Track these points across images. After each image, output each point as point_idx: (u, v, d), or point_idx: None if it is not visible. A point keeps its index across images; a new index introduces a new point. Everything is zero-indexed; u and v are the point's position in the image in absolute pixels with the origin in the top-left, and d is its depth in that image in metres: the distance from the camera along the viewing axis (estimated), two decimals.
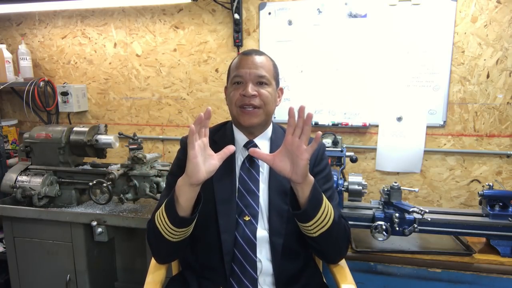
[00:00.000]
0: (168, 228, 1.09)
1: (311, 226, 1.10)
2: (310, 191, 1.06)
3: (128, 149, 1.85)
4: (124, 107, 2.50)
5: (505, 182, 2.02)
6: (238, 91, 1.19)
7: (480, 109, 2.00)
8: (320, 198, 1.09)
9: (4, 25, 2.61)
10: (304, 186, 1.06)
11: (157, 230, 1.12)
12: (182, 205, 1.06)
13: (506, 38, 1.90)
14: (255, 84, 1.19)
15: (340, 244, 1.22)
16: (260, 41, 2.19)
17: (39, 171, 1.96)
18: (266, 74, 1.20)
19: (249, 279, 1.14)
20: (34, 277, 1.98)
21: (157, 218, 1.13)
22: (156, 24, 2.34)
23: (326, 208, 1.10)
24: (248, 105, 1.18)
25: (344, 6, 2.05)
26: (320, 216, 1.09)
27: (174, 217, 1.07)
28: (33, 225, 1.91)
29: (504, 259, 1.55)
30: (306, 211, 1.07)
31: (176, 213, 1.06)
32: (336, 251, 1.25)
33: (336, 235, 1.15)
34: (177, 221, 1.08)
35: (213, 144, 1.26)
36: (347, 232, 1.23)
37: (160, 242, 1.13)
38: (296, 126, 1.01)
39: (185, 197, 1.05)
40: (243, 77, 1.19)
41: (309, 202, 1.06)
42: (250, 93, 1.17)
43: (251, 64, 1.19)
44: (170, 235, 1.10)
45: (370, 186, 2.17)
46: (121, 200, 1.82)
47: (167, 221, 1.08)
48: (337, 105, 2.15)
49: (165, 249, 1.18)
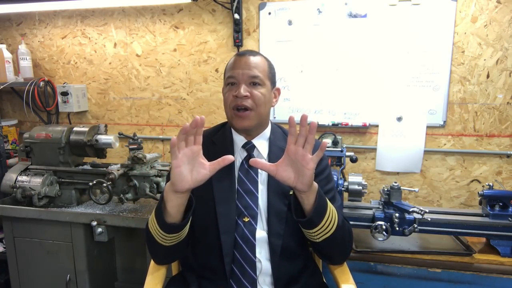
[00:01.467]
0: (159, 233, 1.09)
1: (315, 232, 1.10)
2: (315, 198, 1.06)
3: (128, 149, 1.85)
4: (124, 107, 2.50)
5: (505, 182, 2.02)
6: (231, 92, 1.19)
7: (480, 109, 2.00)
8: (325, 205, 1.08)
9: (4, 25, 2.61)
10: (309, 194, 1.05)
11: (150, 234, 1.13)
12: (169, 211, 1.05)
13: (506, 38, 1.90)
14: (248, 85, 1.18)
15: (344, 247, 1.22)
16: (260, 41, 2.19)
17: (39, 171, 1.96)
18: (259, 75, 1.19)
19: (249, 279, 1.14)
20: (34, 277, 1.98)
21: (150, 223, 1.13)
22: (156, 24, 2.34)
23: (331, 214, 1.10)
24: (241, 106, 1.17)
25: (344, 6, 2.04)
26: (325, 223, 1.09)
27: (163, 223, 1.07)
28: (33, 225, 1.91)
29: (504, 259, 1.55)
30: (311, 219, 1.07)
31: (164, 219, 1.06)
32: (339, 254, 1.25)
33: (339, 239, 1.16)
34: (166, 227, 1.08)
35: (212, 145, 1.26)
36: (351, 234, 1.23)
37: (155, 245, 1.14)
38: (299, 135, 0.99)
39: (171, 203, 1.05)
40: (236, 78, 1.19)
41: (315, 210, 1.06)
42: (242, 94, 1.16)
43: (244, 64, 1.19)
44: (162, 240, 1.11)
45: (370, 186, 2.17)
46: (121, 200, 1.82)
47: (157, 226, 1.09)
48: (337, 105, 2.15)
49: (160, 252, 1.19)
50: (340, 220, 1.14)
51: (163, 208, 1.06)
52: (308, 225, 1.10)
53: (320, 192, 1.08)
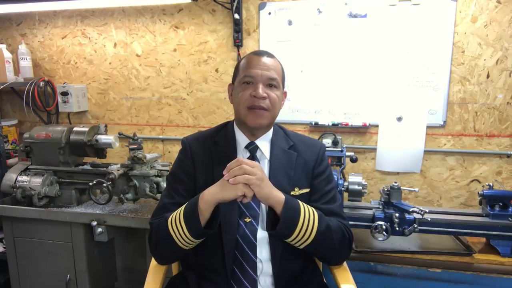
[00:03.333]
0: (185, 237, 1.10)
1: (293, 242, 1.13)
2: (281, 212, 1.09)
3: (128, 149, 1.85)
4: (124, 107, 2.50)
5: (505, 182, 2.02)
6: (247, 91, 1.18)
7: (480, 109, 2.00)
8: (295, 217, 1.10)
9: (4, 25, 2.61)
10: (274, 206, 1.10)
11: (169, 237, 1.12)
12: (206, 217, 1.09)
13: (506, 38, 1.90)
14: (265, 86, 1.18)
15: (334, 250, 1.20)
16: (260, 41, 2.19)
17: (39, 171, 1.96)
18: (277, 77, 1.20)
19: (249, 279, 1.15)
20: (34, 277, 1.98)
21: (171, 225, 1.12)
22: (156, 24, 2.34)
23: (304, 224, 1.11)
24: (258, 107, 1.17)
25: (344, 6, 2.04)
26: (298, 234, 1.11)
27: (195, 228, 1.09)
28: (33, 225, 1.91)
29: (504, 259, 1.55)
30: (280, 231, 1.11)
31: (199, 226, 1.08)
32: (331, 256, 1.24)
33: (324, 244, 1.16)
34: (198, 233, 1.09)
35: (214, 146, 1.27)
36: (346, 235, 1.21)
37: (170, 247, 1.14)
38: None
39: (209, 210, 1.09)
40: (254, 78, 1.18)
41: (282, 223, 1.09)
42: (261, 95, 1.16)
43: (263, 65, 1.19)
44: (185, 243, 1.12)
45: (370, 186, 2.17)
46: (121, 200, 1.82)
47: (186, 231, 1.09)
48: (337, 105, 2.15)
49: (173, 254, 1.20)
50: (323, 226, 1.13)
51: (200, 215, 1.08)
52: (280, 236, 1.13)
53: (290, 204, 1.10)
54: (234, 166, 1.06)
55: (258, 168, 1.08)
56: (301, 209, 1.12)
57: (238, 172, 1.05)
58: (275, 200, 1.09)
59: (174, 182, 1.26)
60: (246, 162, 1.07)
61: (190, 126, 2.41)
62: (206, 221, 1.09)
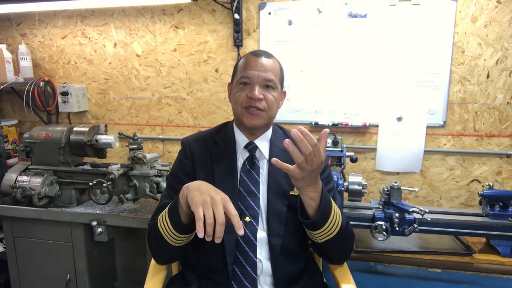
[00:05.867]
0: (171, 233, 1.09)
1: (319, 234, 1.11)
2: (320, 200, 1.06)
3: (128, 149, 1.85)
4: (124, 107, 2.50)
5: (505, 182, 2.02)
6: (244, 92, 1.19)
7: (480, 109, 2.00)
8: (330, 207, 1.09)
9: (4, 25, 2.61)
10: (313, 191, 1.05)
11: (159, 233, 1.11)
12: (186, 212, 1.04)
13: (506, 38, 1.90)
14: (262, 87, 1.18)
15: (345, 248, 1.22)
16: (260, 41, 2.19)
17: (39, 171, 1.96)
18: (274, 78, 1.19)
19: (249, 279, 1.15)
20: (34, 277, 1.98)
21: (159, 222, 1.12)
22: (156, 24, 2.34)
23: (335, 216, 1.10)
24: (254, 108, 1.18)
25: (344, 6, 2.04)
26: (329, 225, 1.09)
27: (177, 223, 1.07)
28: (33, 225, 1.91)
29: (504, 259, 1.55)
30: (316, 221, 1.08)
31: (180, 220, 1.06)
32: (340, 255, 1.25)
33: (341, 241, 1.16)
34: (181, 227, 1.07)
35: (214, 146, 1.27)
36: (353, 235, 1.23)
37: (162, 245, 1.13)
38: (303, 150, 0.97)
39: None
40: (250, 79, 1.18)
41: (320, 212, 1.06)
42: (257, 96, 1.16)
43: (260, 66, 1.18)
44: (173, 240, 1.10)
45: (370, 186, 2.17)
46: (121, 200, 1.82)
47: (170, 226, 1.08)
48: (337, 105, 2.15)
49: (167, 252, 1.18)
50: (344, 222, 1.14)
51: (180, 209, 1.05)
52: (312, 227, 1.10)
53: (325, 194, 1.08)
54: (310, 144, 0.97)
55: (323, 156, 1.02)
56: (331, 200, 1.11)
57: (310, 150, 0.97)
58: (318, 188, 1.06)
59: (174, 183, 1.26)
60: (320, 147, 1.00)
61: (190, 126, 2.41)
62: (188, 215, 1.06)
